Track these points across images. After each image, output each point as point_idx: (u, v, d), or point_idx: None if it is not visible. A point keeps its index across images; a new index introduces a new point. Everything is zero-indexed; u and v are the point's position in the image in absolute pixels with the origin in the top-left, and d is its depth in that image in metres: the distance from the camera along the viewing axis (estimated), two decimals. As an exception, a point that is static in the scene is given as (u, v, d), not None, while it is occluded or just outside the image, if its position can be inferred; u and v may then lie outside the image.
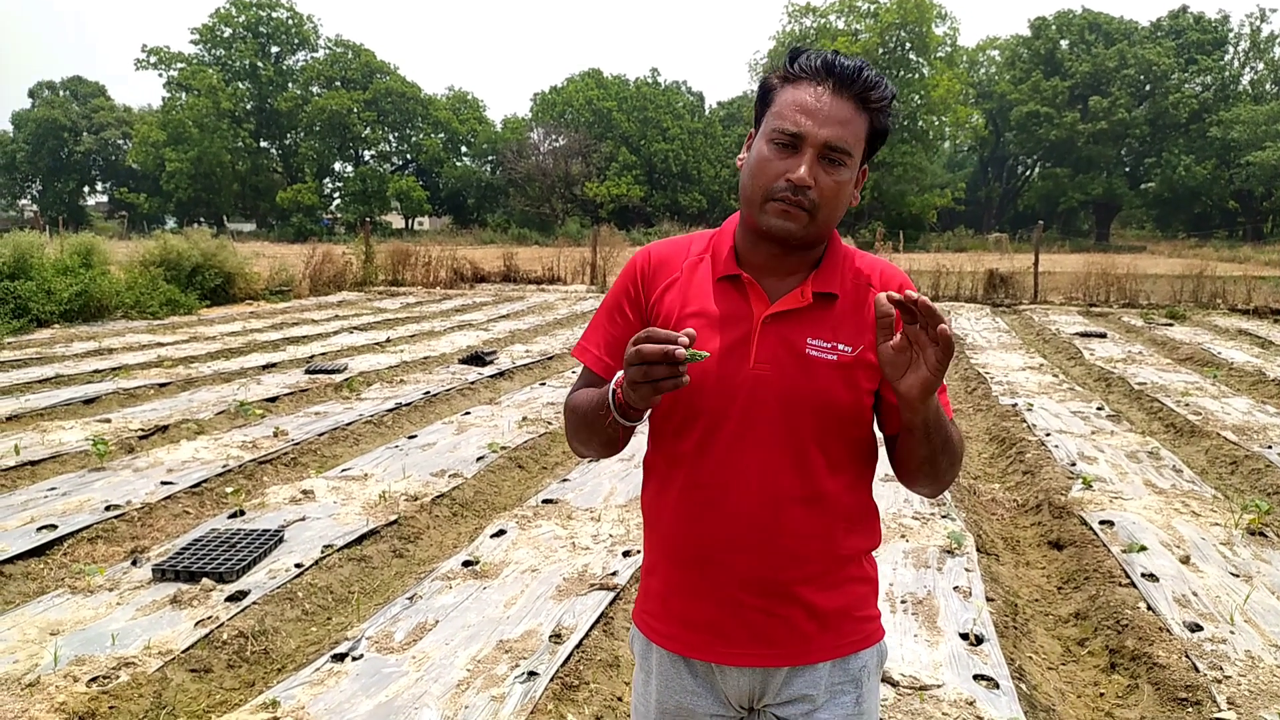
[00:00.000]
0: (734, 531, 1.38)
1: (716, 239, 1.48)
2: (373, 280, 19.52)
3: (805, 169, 1.31)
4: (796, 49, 1.37)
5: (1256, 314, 15.17)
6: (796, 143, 1.32)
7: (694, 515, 1.41)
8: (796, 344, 1.37)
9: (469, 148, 60.48)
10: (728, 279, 1.41)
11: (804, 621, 1.41)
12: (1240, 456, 5.95)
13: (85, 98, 63.99)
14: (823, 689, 1.43)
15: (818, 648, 1.42)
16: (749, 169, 1.37)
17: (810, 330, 1.37)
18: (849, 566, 1.44)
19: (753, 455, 1.37)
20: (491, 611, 3.57)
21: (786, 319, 1.38)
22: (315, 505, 4.84)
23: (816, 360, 1.36)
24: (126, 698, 2.94)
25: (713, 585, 1.41)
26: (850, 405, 1.38)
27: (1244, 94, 52.06)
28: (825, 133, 1.31)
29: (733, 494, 1.38)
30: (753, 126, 1.42)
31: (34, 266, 12.92)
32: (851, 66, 1.33)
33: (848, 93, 1.33)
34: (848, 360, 1.37)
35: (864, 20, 50.27)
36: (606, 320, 1.50)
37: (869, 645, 1.47)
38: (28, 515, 4.56)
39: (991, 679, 3.04)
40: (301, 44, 58.08)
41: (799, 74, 1.35)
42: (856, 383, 1.38)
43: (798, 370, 1.36)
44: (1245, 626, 3.43)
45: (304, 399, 7.77)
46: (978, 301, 17.30)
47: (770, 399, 1.36)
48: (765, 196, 1.34)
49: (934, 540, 4.32)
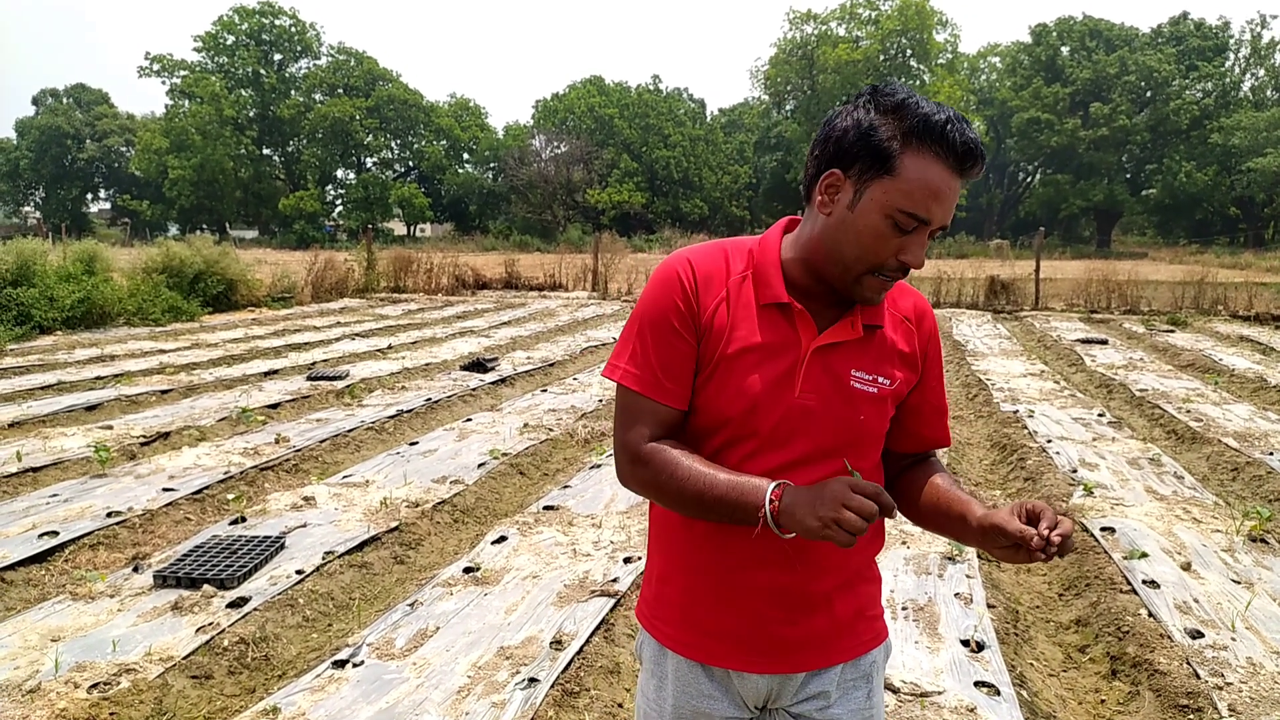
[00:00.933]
0: (764, 551, 1.38)
1: (759, 259, 1.40)
2: (374, 287, 19.55)
3: (922, 254, 1.29)
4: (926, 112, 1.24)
5: (1258, 320, 15.15)
6: (919, 226, 1.27)
7: (726, 533, 1.38)
8: (841, 375, 1.37)
9: (471, 155, 60.61)
10: (776, 306, 1.37)
11: (825, 628, 1.44)
12: (1242, 463, 5.94)
13: (89, 105, 64.20)
14: (836, 685, 1.46)
15: (836, 651, 1.45)
16: (856, 237, 1.29)
17: (854, 362, 1.38)
18: (864, 569, 1.50)
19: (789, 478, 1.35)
20: (492, 618, 3.57)
21: (833, 350, 1.37)
22: (316, 512, 4.84)
23: (859, 393, 1.37)
24: (127, 704, 2.94)
25: (738, 598, 1.41)
26: (882, 433, 1.45)
27: (1245, 100, 52.10)
28: (946, 218, 1.28)
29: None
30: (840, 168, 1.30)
31: (37, 273, 12.94)
32: (979, 150, 1.27)
33: (967, 174, 1.29)
34: (886, 393, 1.40)
35: (865, 27, 50.41)
36: (659, 343, 1.37)
37: (879, 643, 1.51)
38: (29, 522, 4.57)
39: (993, 686, 3.04)
40: (304, 51, 58.26)
41: (932, 144, 1.25)
42: (888, 412, 1.43)
43: (841, 402, 1.36)
44: (1247, 633, 3.43)
45: (305, 405, 7.77)
46: (979, 308, 17.31)
47: (813, 428, 1.36)
48: (870, 269, 1.30)
49: (935, 547, 4.31)
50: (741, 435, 1.36)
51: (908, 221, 1.26)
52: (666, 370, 1.37)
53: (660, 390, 1.37)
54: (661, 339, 1.37)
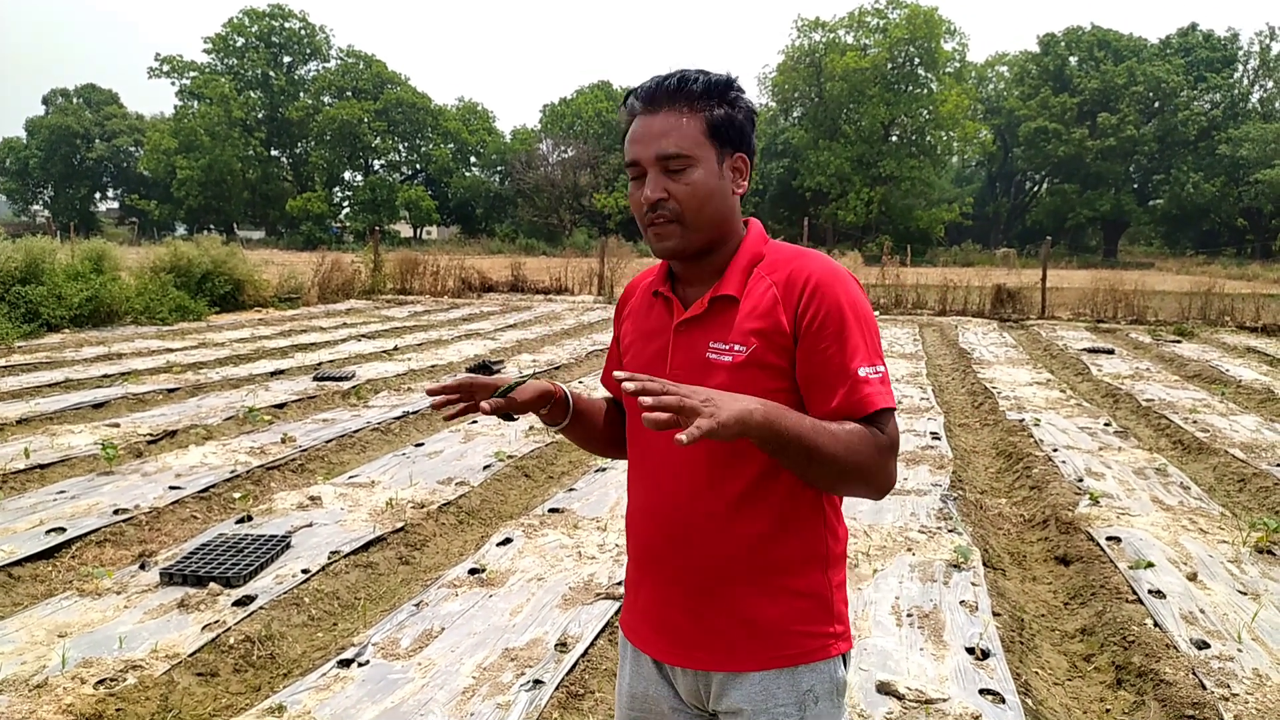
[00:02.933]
0: (662, 531, 1.45)
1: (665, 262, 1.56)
2: (381, 289, 19.59)
3: (649, 188, 1.38)
4: (630, 89, 1.45)
5: (1265, 332, 15.12)
6: (640, 169, 1.40)
7: (635, 516, 1.52)
8: (699, 350, 1.42)
9: (478, 158, 60.77)
10: (656, 295, 1.52)
11: (729, 628, 1.40)
12: (1248, 474, 5.93)
13: (98, 105, 64.52)
14: (758, 704, 1.39)
15: (744, 656, 1.39)
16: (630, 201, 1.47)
17: (711, 335, 1.41)
18: (782, 576, 1.40)
19: (670, 460, 1.43)
20: (497, 619, 3.58)
21: (691, 327, 1.44)
22: (322, 512, 4.86)
23: (715, 363, 1.38)
24: (133, 700, 2.95)
25: (650, 581, 1.49)
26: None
27: (1253, 112, 52.03)
28: (653, 149, 1.38)
29: (660, 495, 1.46)
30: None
31: (45, 271, 13.01)
32: (652, 85, 1.41)
33: (663, 106, 1.39)
34: (741, 359, 1.36)
35: (873, 35, 50.43)
36: (610, 347, 1.71)
37: (808, 661, 1.40)
38: (37, 518, 4.59)
39: (997, 694, 3.03)
40: (313, 54, 58.52)
41: (628, 112, 1.44)
42: (755, 381, 1.35)
43: (701, 374, 1.38)
44: (1253, 644, 3.42)
45: (312, 406, 7.79)
46: (985, 316, 17.28)
47: None
48: (643, 225, 1.43)
49: (940, 554, 4.31)
50: (634, 412, 1.50)
51: (632, 170, 1.42)
52: (608, 366, 1.67)
53: (605, 379, 1.71)
54: (610, 345, 1.71)
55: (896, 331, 14.68)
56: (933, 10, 48.02)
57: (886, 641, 3.40)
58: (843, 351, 1.35)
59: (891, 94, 48.82)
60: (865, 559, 4.25)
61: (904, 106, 49.07)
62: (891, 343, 12.97)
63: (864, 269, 31.06)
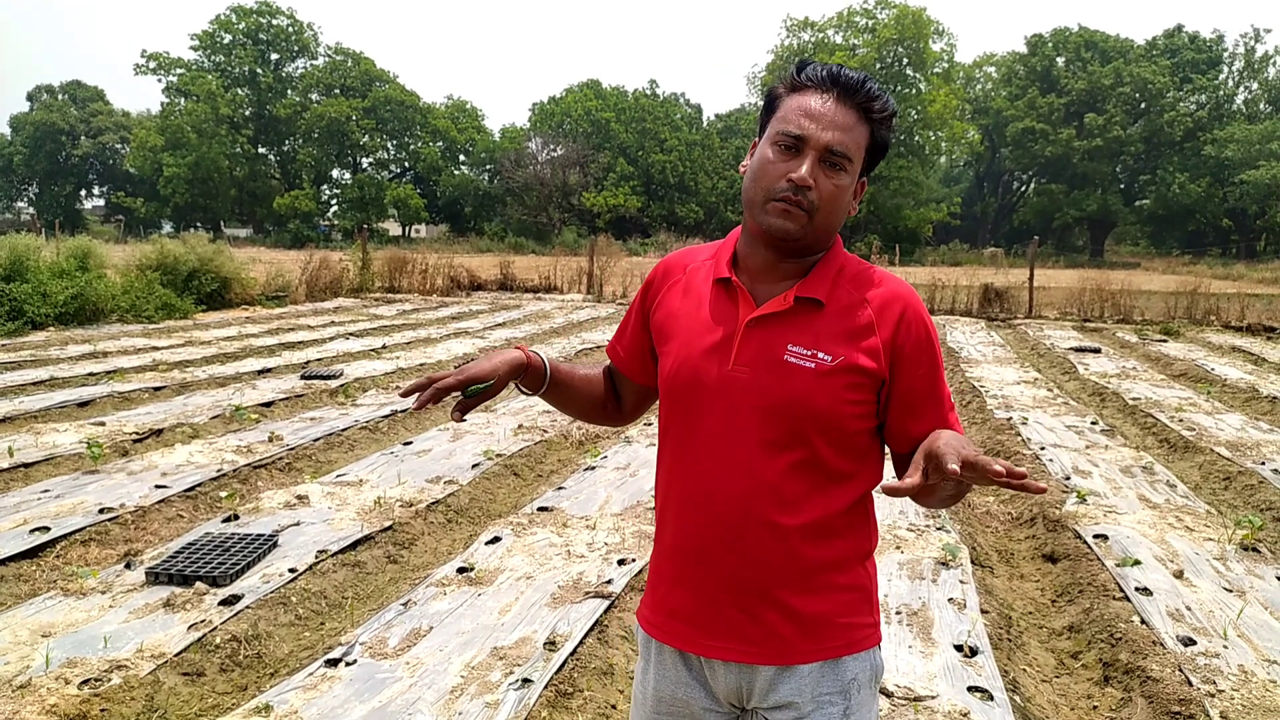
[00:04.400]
0: (712, 529, 1.41)
1: (723, 245, 1.53)
2: (369, 287, 19.51)
3: (806, 168, 1.34)
4: (804, 60, 1.43)
5: (1250, 331, 15.23)
6: (799, 145, 1.35)
7: (678, 511, 1.46)
8: (776, 349, 1.38)
9: (467, 156, 60.57)
10: (720, 282, 1.46)
11: (780, 623, 1.41)
12: (1234, 472, 5.97)
13: (84, 102, 63.99)
14: (809, 697, 1.41)
15: (797, 650, 1.41)
16: (751, 171, 1.41)
17: (792, 337, 1.39)
18: (830, 572, 1.43)
19: (730, 456, 1.39)
20: (486, 618, 3.57)
21: (768, 324, 1.40)
22: (310, 510, 4.83)
23: (794, 366, 1.37)
24: (118, 700, 2.93)
25: (694, 579, 1.44)
26: (827, 412, 1.37)
27: (1238, 113, 52.45)
28: (827, 136, 1.35)
29: (711, 492, 1.41)
30: (757, 136, 1.46)
31: (30, 269, 12.90)
32: (856, 77, 1.38)
33: (851, 102, 1.37)
34: (825, 369, 1.37)
35: (861, 35, 50.57)
36: (625, 320, 1.68)
37: (854, 651, 1.44)
38: (21, 517, 4.54)
39: (986, 691, 3.04)
40: (301, 51, 58.18)
41: (805, 82, 1.39)
42: (835, 391, 1.37)
43: (775, 374, 1.37)
44: (1239, 641, 3.44)
45: (299, 404, 7.75)
46: (973, 315, 17.35)
47: (746, 401, 1.38)
48: (766, 196, 1.37)
49: (929, 552, 4.32)
50: (686, 403, 1.44)
51: (786, 139, 1.36)
52: (619, 339, 1.68)
53: (613, 351, 1.70)
54: (626, 319, 1.67)
55: (885, 330, 14.70)
56: (921, 11, 48.18)
57: (875, 639, 3.40)
58: (935, 380, 1.44)
59: (880, 94, 48.88)
60: (854, 557, 4.25)
61: (892, 106, 49.15)
62: (880, 342, 13.00)
63: (853, 268, 31.11)
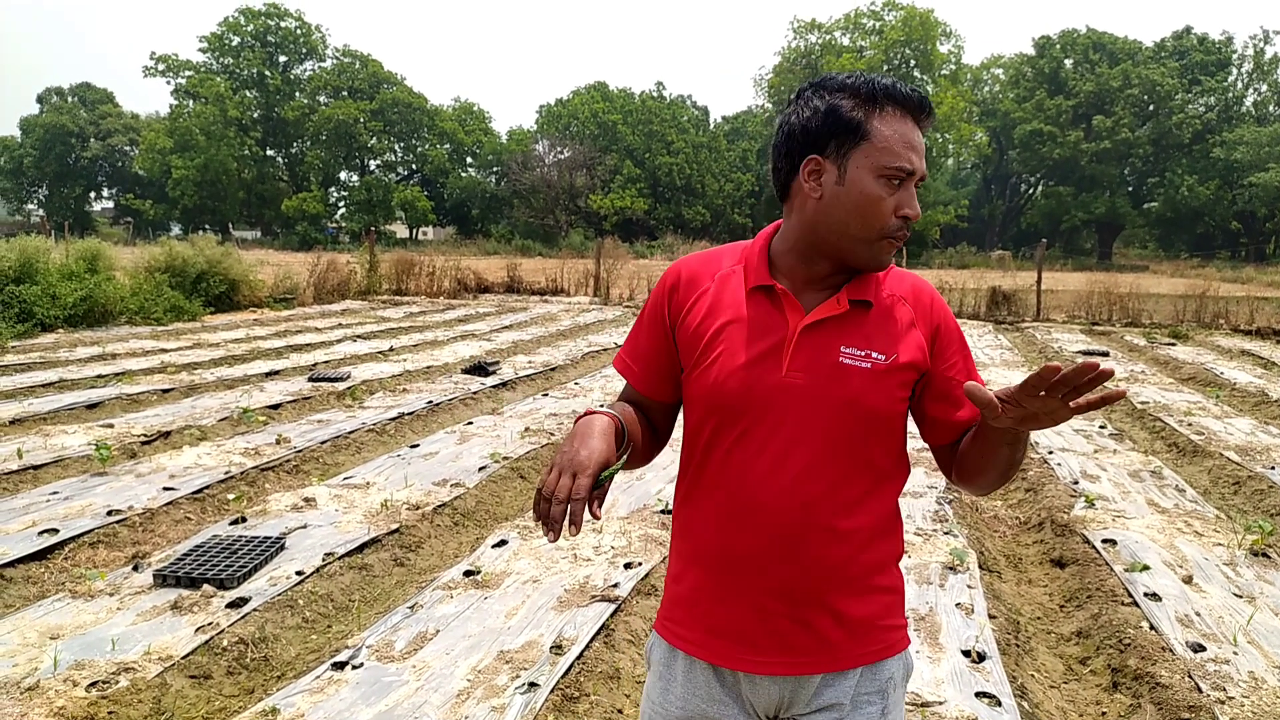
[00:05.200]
0: (764, 539, 1.38)
1: (748, 251, 1.48)
2: (376, 289, 19.56)
3: (915, 203, 1.35)
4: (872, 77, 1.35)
5: (1259, 335, 15.15)
6: (903, 178, 1.33)
7: (724, 523, 1.41)
8: (830, 352, 1.38)
9: (474, 159, 60.71)
10: (760, 289, 1.42)
11: (831, 629, 1.41)
12: (1243, 477, 5.94)
13: (93, 104, 64.32)
14: (850, 698, 1.42)
15: (846, 655, 1.41)
16: (856, 205, 1.33)
17: (844, 339, 1.38)
18: (875, 575, 1.44)
19: (784, 464, 1.37)
20: (492, 622, 3.57)
21: (821, 328, 1.39)
22: (317, 513, 4.84)
23: (850, 368, 1.37)
24: (126, 703, 2.94)
25: (741, 592, 1.41)
26: (882, 412, 1.39)
27: (1247, 115, 52.20)
28: (921, 165, 1.35)
29: (764, 503, 1.38)
30: (816, 153, 1.35)
31: (39, 271, 12.95)
32: (910, 90, 1.35)
33: (923, 123, 1.37)
34: (881, 368, 1.38)
35: (869, 37, 50.55)
36: (638, 333, 1.56)
37: (895, 653, 1.46)
38: (29, 519, 4.56)
39: (994, 696, 3.03)
40: (309, 53, 58.41)
41: (890, 104, 1.33)
42: (889, 391, 1.39)
43: (831, 378, 1.37)
44: (1249, 647, 3.42)
45: (307, 407, 7.77)
46: (980, 319, 17.31)
47: (802, 407, 1.37)
48: (881, 234, 1.34)
49: (936, 557, 4.31)
50: (734, 413, 1.39)
51: (896, 174, 1.32)
52: (634, 355, 1.55)
53: (627, 370, 1.56)
54: (641, 333, 1.55)
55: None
56: (928, 12, 48.14)
57: (882, 644, 3.39)
58: (970, 365, 1.47)
59: (887, 96, 48.86)
60: (861, 561, 4.24)
61: (900, 108, 49.12)
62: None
63: (860, 271, 31.06)
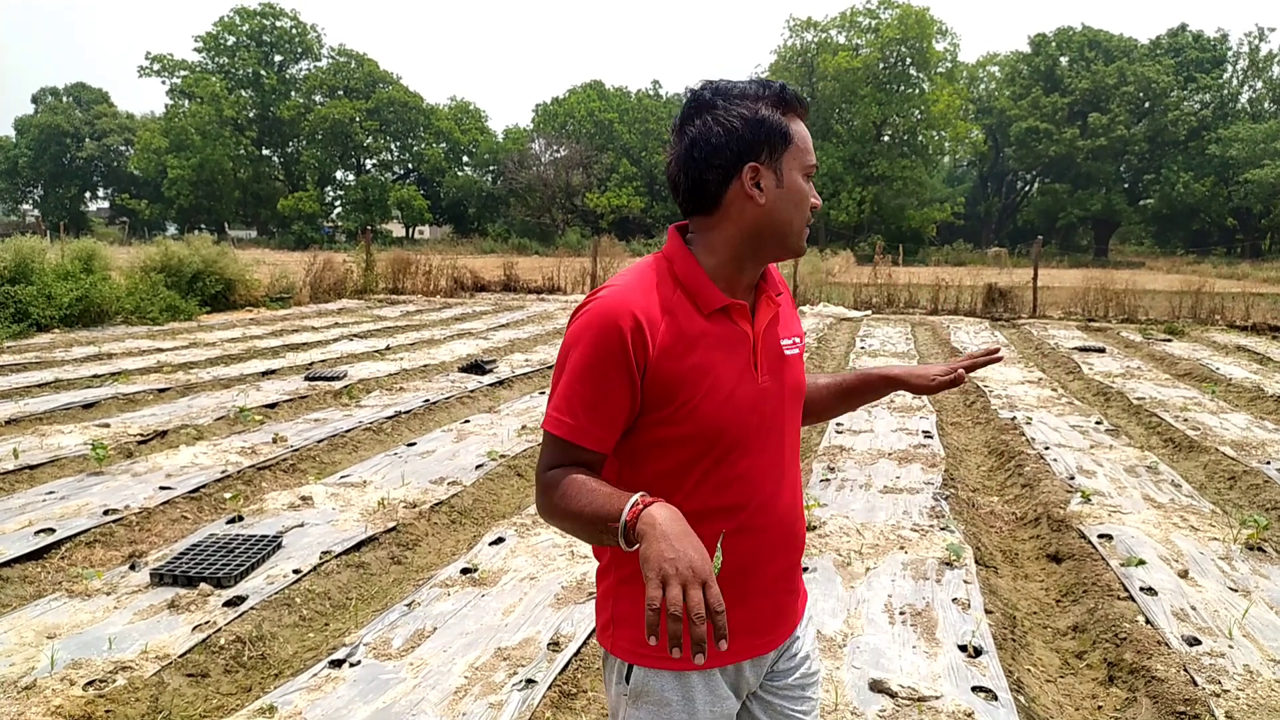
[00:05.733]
0: (771, 539, 1.49)
1: (680, 272, 1.42)
2: (373, 288, 19.54)
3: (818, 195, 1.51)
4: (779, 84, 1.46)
5: (1254, 330, 15.19)
6: (812, 173, 1.48)
7: (741, 538, 1.43)
8: (776, 348, 1.51)
9: (470, 157, 60.65)
10: (720, 310, 1.42)
11: (801, 586, 1.62)
12: (1239, 472, 5.95)
13: (88, 104, 64.18)
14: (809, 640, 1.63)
15: (804, 601, 1.63)
16: (792, 202, 1.43)
17: (780, 332, 1.53)
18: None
19: (778, 463, 1.49)
20: (490, 619, 3.57)
21: (768, 328, 1.51)
22: (314, 512, 4.84)
23: (791, 356, 1.53)
24: (123, 702, 2.93)
25: (755, 590, 1.49)
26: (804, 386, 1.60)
27: (1242, 112, 52.29)
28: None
29: (763, 504, 1.47)
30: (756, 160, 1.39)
31: (35, 271, 12.93)
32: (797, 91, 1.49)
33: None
34: (802, 349, 1.58)
35: (865, 35, 50.54)
36: (588, 388, 1.35)
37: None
38: (25, 519, 4.56)
39: (990, 691, 3.03)
40: (305, 53, 58.31)
41: (796, 107, 1.46)
42: (804, 366, 1.60)
43: (784, 371, 1.51)
44: (1244, 641, 3.43)
45: (303, 406, 7.76)
46: (976, 315, 17.32)
47: (774, 406, 1.49)
48: (805, 223, 1.47)
49: (932, 552, 4.31)
50: (733, 436, 1.41)
51: (811, 170, 1.46)
52: (594, 417, 1.36)
53: (582, 435, 1.36)
54: (595, 386, 1.35)
55: (889, 330, 14.70)
56: (924, 10, 48.13)
57: (879, 639, 3.40)
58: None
59: (883, 94, 48.92)
60: (858, 557, 4.25)
61: (896, 106, 49.19)
62: (884, 341, 12.99)
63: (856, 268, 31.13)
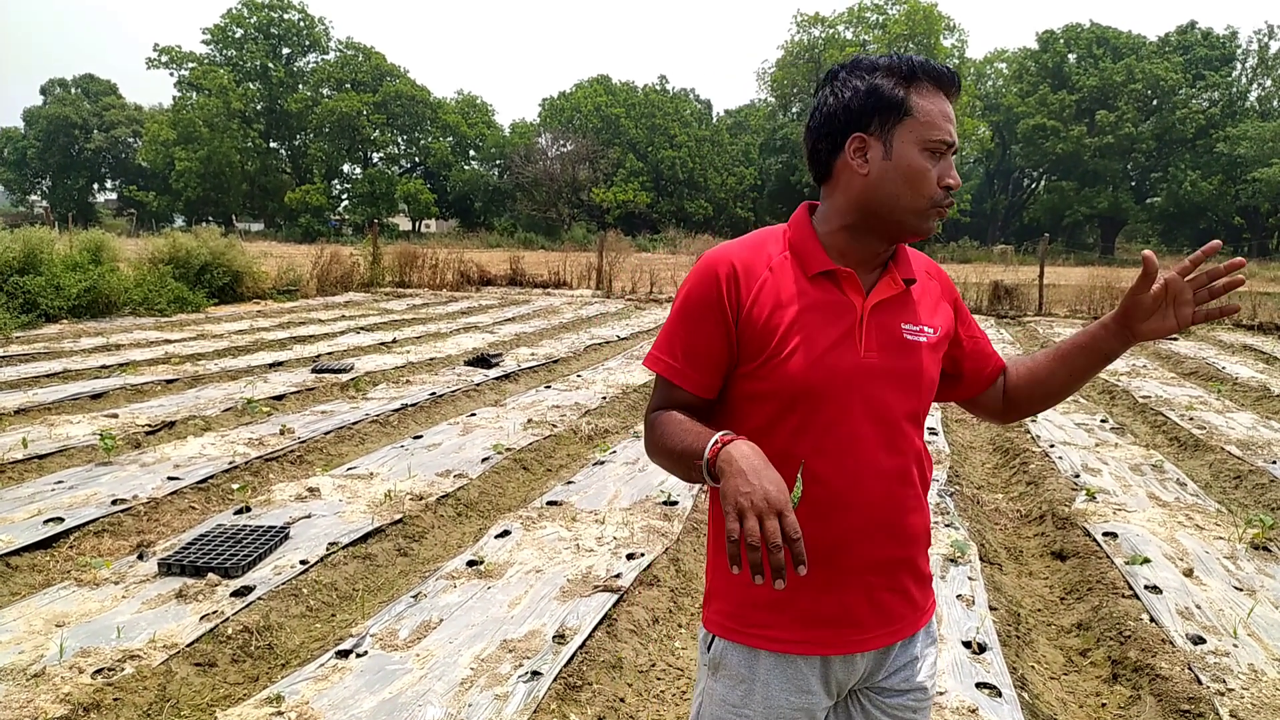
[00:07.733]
0: (861, 519, 1.42)
1: (793, 238, 1.47)
2: (379, 281, 19.57)
3: (956, 173, 1.41)
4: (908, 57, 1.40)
5: (1261, 330, 15.13)
6: (944, 150, 1.39)
7: (826, 512, 1.40)
8: (894, 330, 1.45)
9: (477, 151, 60.61)
10: (823, 274, 1.44)
11: (915, 591, 1.50)
12: (1244, 471, 5.94)
13: (96, 95, 64.25)
14: (920, 649, 1.53)
15: (923, 612, 1.53)
16: (904, 178, 1.38)
17: (902, 316, 1.47)
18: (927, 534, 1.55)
19: (869, 442, 1.42)
20: (495, 611, 3.58)
21: (883, 307, 1.46)
22: (321, 503, 4.86)
23: (912, 343, 1.46)
24: (131, 690, 2.96)
25: (845, 575, 1.44)
26: (934, 381, 1.52)
27: (1251, 110, 52.00)
28: (954, 135, 1.41)
29: (866, 483, 1.42)
30: (864, 131, 1.39)
31: (43, 262, 12.97)
32: (939, 65, 1.42)
33: (952, 96, 1.43)
34: (934, 341, 1.50)
35: (872, 31, 50.38)
36: (685, 330, 1.44)
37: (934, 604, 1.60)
38: (35, 508, 4.59)
39: (994, 687, 3.04)
40: (312, 46, 58.27)
41: (926, 80, 1.39)
42: (938, 361, 1.52)
43: (900, 355, 1.44)
44: (1249, 640, 3.43)
45: (310, 398, 7.79)
46: (982, 313, 17.29)
47: (881, 385, 1.43)
48: (931, 203, 1.40)
49: (937, 549, 4.32)
50: (820, 400, 1.40)
51: (937, 146, 1.38)
52: (687, 356, 1.44)
53: (680, 376, 1.45)
54: (692, 329, 1.44)
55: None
56: (932, 6, 47.98)
57: (883, 635, 3.40)
58: (976, 323, 1.66)
59: (891, 90, 48.71)
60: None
61: (903, 103, 48.97)
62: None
63: (862, 265, 30.99)
